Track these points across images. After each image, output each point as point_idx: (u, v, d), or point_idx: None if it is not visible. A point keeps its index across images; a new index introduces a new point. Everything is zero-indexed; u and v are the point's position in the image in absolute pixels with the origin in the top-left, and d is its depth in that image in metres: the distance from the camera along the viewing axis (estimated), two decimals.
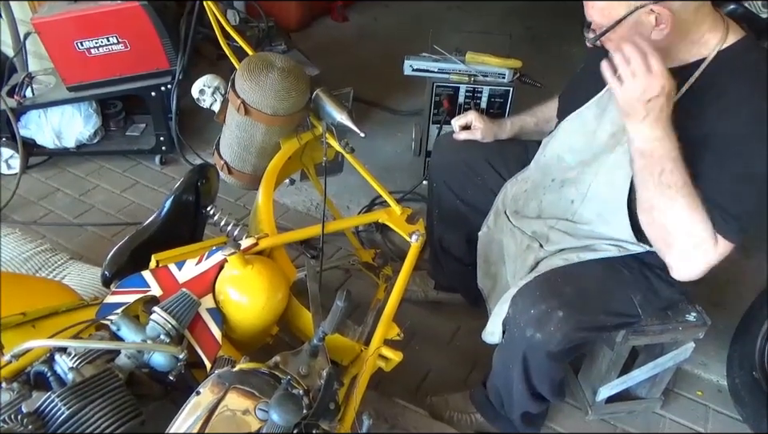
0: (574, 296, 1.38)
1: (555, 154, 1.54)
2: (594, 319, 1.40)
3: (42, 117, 2.56)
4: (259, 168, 1.71)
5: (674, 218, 1.24)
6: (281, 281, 1.38)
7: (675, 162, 1.20)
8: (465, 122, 1.75)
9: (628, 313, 1.46)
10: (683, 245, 1.26)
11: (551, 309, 1.35)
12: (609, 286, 1.43)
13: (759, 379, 1.78)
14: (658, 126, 1.19)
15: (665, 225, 1.27)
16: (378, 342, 1.37)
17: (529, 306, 1.38)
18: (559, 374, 1.55)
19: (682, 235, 1.25)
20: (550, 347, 1.36)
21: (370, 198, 2.51)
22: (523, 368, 1.46)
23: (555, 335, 1.34)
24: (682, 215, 1.23)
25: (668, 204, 1.23)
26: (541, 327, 1.35)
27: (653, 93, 1.15)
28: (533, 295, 1.40)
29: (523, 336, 1.38)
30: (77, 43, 2.36)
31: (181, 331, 1.22)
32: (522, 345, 1.41)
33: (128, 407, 1.06)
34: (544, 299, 1.37)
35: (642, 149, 1.22)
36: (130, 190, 2.62)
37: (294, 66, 1.62)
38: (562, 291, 1.38)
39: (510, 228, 1.60)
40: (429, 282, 2.12)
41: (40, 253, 1.85)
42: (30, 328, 1.21)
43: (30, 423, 0.98)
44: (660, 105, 1.17)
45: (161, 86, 2.53)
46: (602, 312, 1.42)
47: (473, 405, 1.73)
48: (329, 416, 1.11)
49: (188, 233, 1.63)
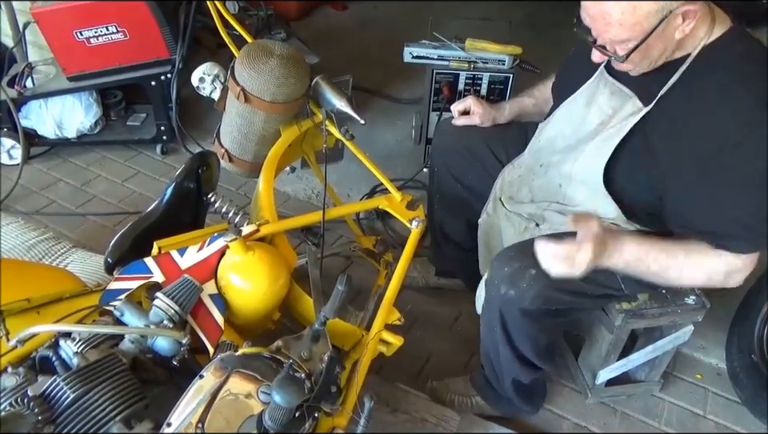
0: None
1: (548, 139, 1.55)
2: (569, 282, 1.38)
3: (43, 107, 2.56)
4: (260, 156, 1.72)
5: (691, 278, 1.32)
6: (282, 267, 1.40)
7: (651, 252, 1.28)
8: (463, 107, 1.75)
9: (610, 285, 1.46)
10: (715, 281, 1.30)
11: (524, 267, 1.39)
12: None
13: (758, 363, 1.79)
14: (609, 257, 1.26)
15: (691, 282, 1.36)
16: (379, 326, 1.38)
17: (504, 264, 1.43)
18: (541, 336, 1.53)
19: (708, 279, 1.30)
20: (524, 304, 1.39)
21: (370, 186, 2.51)
22: (502, 327, 1.49)
23: (528, 292, 1.38)
24: (695, 274, 1.30)
25: (677, 275, 1.30)
26: (513, 284, 1.39)
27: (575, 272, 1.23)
28: (508, 256, 1.45)
29: (498, 294, 1.42)
30: (76, 33, 2.35)
31: (183, 317, 1.23)
32: (497, 303, 1.45)
33: (132, 391, 1.07)
34: (518, 258, 1.42)
35: (618, 269, 1.32)
36: (132, 179, 2.63)
37: (294, 53, 1.62)
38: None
39: (505, 213, 1.62)
40: (429, 268, 2.13)
41: (43, 241, 1.86)
42: (35, 314, 1.22)
43: (36, 406, 1.00)
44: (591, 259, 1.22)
45: (161, 76, 2.52)
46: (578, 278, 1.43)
47: (473, 388, 1.75)
48: (330, 399, 1.13)
49: (190, 220, 1.64)
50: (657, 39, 1.16)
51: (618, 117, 1.34)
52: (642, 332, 1.76)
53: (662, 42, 1.17)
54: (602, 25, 1.17)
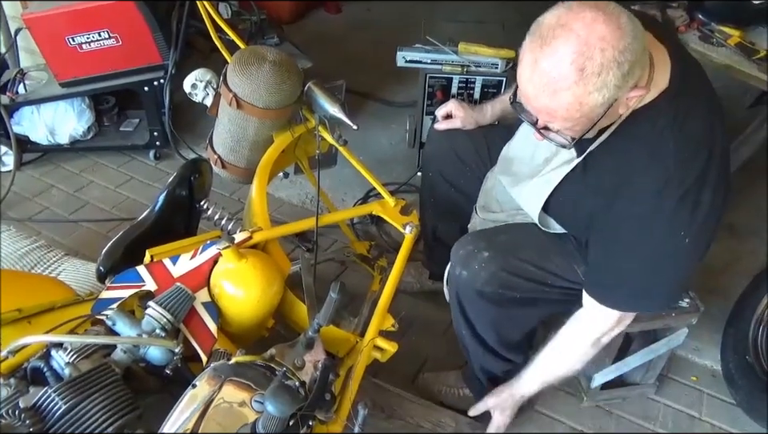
0: (504, 243, 1.47)
1: (509, 156, 1.56)
2: (524, 268, 1.45)
3: (35, 113, 2.55)
4: (253, 162, 1.71)
5: (577, 355, 1.48)
6: (275, 274, 1.39)
7: (541, 371, 1.52)
8: (445, 111, 1.76)
9: (568, 278, 1.48)
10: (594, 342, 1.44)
11: (478, 250, 1.45)
12: (547, 246, 1.48)
13: (752, 364, 1.80)
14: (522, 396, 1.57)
15: (581, 357, 1.48)
16: (373, 333, 1.38)
17: (460, 248, 1.48)
18: (509, 325, 1.55)
19: (590, 344, 1.45)
20: (477, 285, 1.43)
21: (364, 190, 2.51)
22: (460, 310, 1.53)
23: (480, 273, 1.42)
24: (575, 352, 1.47)
25: (569, 362, 1.49)
26: (467, 265, 1.44)
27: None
28: (466, 240, 1.51)
29: (454, 275, 1.48)
30: (68, 39, 2.34)
31: (176, 325, 1.23)
32: (454, 286, 1.50)
33: (125, 401, 1.07)
34: (473, 242, 1.48)
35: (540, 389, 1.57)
36: (125, 185, 2.62)
37: (286, 59, 1.62)
38: (493, 238, 1.49)
39: (480, 221, 1.65)
40: (424, 272, 2.12)
41: (35, 250, 1.85)
42: (26, 324, 1.22)
43: (28, 418, 0.99)
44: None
45: (153, 81, 2.52)
46: (533, 265, 1.46)
47: (463, 380, 1.77)
48: (325, 407, 1.12)
49: (182, 227, 1.63)
50: (603, 120, 1.12)
51: (557, 159, 1.37)
52: (637, 335, 1.76)
53: (607, 119, 1.14)
54: (546, 116, 1.14)
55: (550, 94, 1.06)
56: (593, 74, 1.02)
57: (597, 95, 1.04)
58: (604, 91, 1.04)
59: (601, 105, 1.06)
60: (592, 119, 1.11)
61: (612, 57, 1.01)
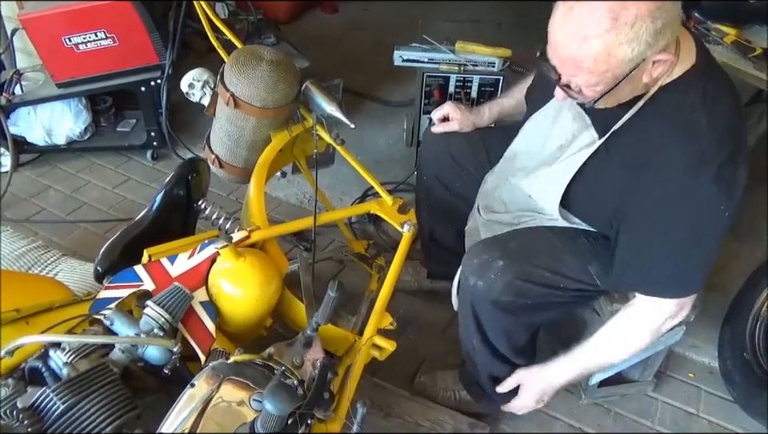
0: (518, 249, 1.43)
1: (513, 153, 1.55)
2: (538, 274, 1.41)
3: (32, 114, 2.54)
4: (250, 161, 1.72)
5: (629, 344, 1.43)
6: (273, 273, 1.39)
7: (578, 357, 1.47)
8: (442, 114, 1.73)
9: (583, 280, 1.46)
10: (653, 331, 1.39)
11: (492, 259, 1.40)
12: (559, 248, 1.45)
13: (750, 361, 1.80)
14: (553, 386, 1.52)
15: (634, 346, 1.43)
16: (371, 331, 1.39)
17: (473, 257, 1.44)
18: (518, 331, 1.53)
19: (645, 334, 1.39)
20: (493, 295, 1.40)
21: (362, 189, 2.51)
22: (475, 320, 1.49)
23: (496, 283, 1.38)
24: (629, 339, 1.42)
25: (613, 352, 1.45)
26: (482, 275, 1.40)
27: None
28: (477, 248, 1.47)
29: (468, 286, 1.44)
30: (65, 39, 2.34)
31: (174, 325, 1.23)
32: (468, 296, 1.46)
33: (123, 401, 1.07)
34: (487, 250, 1.43)
35: (574, 380, 1.55)
36: (122, 186, 2.61)
37: (283, 58, 1.62)
38: (506, 245, 1.44)
39: (483, 222, 1.62)
40: (422, 271, 2.12)
41: (32, 250, 1.85)
42: (24, 324, 1.21)
43: (26, 418, 0.99)
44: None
45: (150, 81, 2.51)
46: (547, 270, 1.42)
47: (460, 382, 1.76)
48: (323, 405, 1.13)
49: (180, 227, 1.63)
50: (626, 83, 1.12)
51: (575, 144, 1.35)
52: None
53: (629, 85, 1.14)
54: (571, 68, 1.12)
55: (580, 41, 1.06)
56: (626, 24, 1.02)
57: (627, 48, 1.04)
58: (634, 45, 1.03)
59: (629, 60, 1.06)
60: (617, 77, 1.09)
61: (647, 10, 1.01)
